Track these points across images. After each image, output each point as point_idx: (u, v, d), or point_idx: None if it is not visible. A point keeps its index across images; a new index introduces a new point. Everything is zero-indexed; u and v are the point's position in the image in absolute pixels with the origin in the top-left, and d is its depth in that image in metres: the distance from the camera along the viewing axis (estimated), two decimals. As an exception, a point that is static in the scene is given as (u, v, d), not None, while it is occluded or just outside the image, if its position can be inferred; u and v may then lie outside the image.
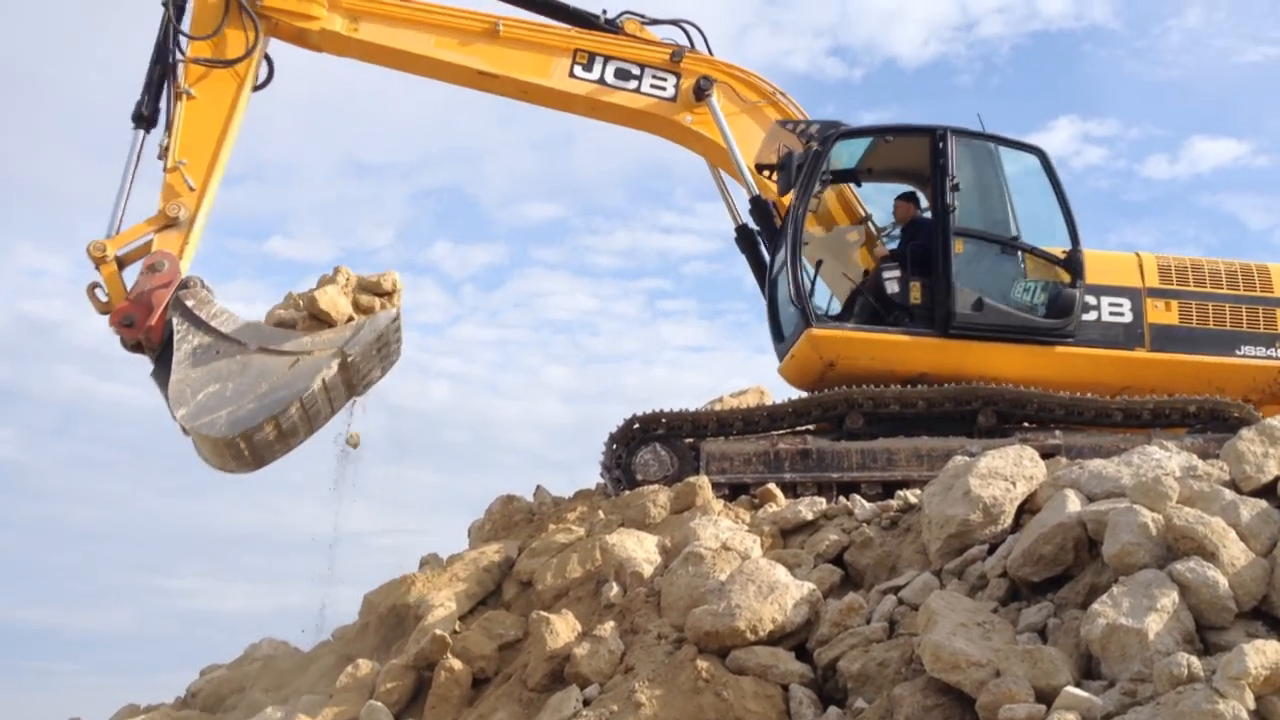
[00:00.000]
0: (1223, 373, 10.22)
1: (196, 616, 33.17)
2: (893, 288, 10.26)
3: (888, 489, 9.06)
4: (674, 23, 11.14)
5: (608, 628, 6.92)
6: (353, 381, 9.28)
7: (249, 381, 8.86)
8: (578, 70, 10.64)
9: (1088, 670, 5.11)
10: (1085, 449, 8.99)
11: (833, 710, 5.82)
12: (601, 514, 9.19)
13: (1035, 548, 5.92)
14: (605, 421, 10.06)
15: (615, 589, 7.57)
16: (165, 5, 9.76)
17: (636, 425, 9.99)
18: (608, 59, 10.69)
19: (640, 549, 8.03)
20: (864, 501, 8.26)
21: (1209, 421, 9.46)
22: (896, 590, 6.49)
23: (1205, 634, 5.04)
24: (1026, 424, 9.77)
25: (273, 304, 9.42)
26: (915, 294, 10.15)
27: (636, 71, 10.67)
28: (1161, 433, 9.30)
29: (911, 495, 7.85)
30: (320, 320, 9.17)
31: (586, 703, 6.39)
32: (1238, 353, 10.33)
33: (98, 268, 9.38)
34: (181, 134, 9.68)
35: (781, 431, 10.04)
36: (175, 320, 9.08)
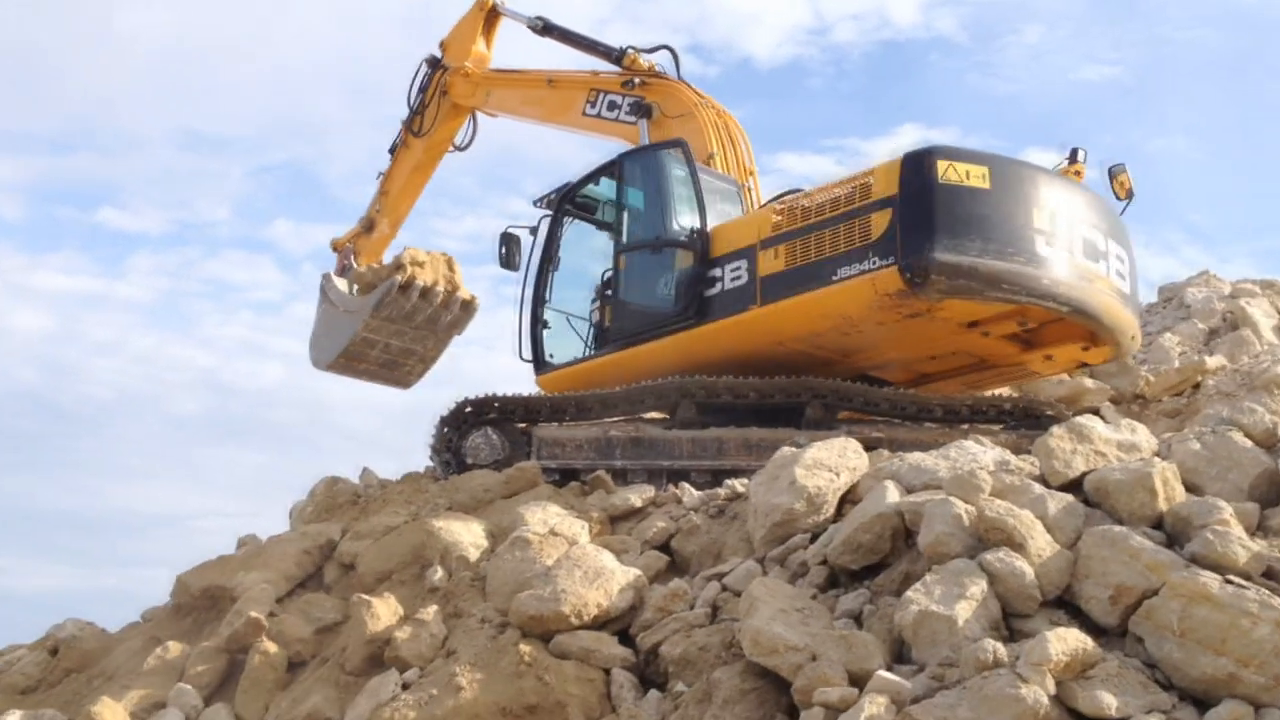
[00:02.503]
0: (823, 305, 9.36)
1: (2, 595, 31.80)
2: (596, 316, 11.18)
3: (717, 477, 9.15)
4: (661, 49, 12.70)
5: (430, 611, 6.83)
6: (418, 323, 12.90)
7: (334, 333, 13.52)
8: (587, 108, 12.66)
9: (900, 655, 5.25)
10: (907, 442, 9.18)
11: (653, 694, 5.86)
12: (429, 498, 9.05)
13: (854, 536, 6.05)
14: (441, 406, 10.10)
15: (440, 573, 7.46)
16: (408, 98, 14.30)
17: (468, 408, 9.88)
18: (605, 93, 12.55)
19: (467, 533, 7.93)
20: (692, 489, 8.33)
21: (1023, 419, 9.78)
22: (720, 577, 6.55)
23: (1011, 621, 5.21)
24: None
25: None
26: (607, 318, 10.97)
27: (619, 101, 12.39)
28: (979, 428, 9.57)
29: (739, 484, 7.94)
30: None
31: (405, 686, 6.30)
32: (835, 278, 9.22)
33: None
34: (389, 170, 14.67)
35: (614, 418, 10.05)
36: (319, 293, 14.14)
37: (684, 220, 10.47)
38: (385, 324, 12.83)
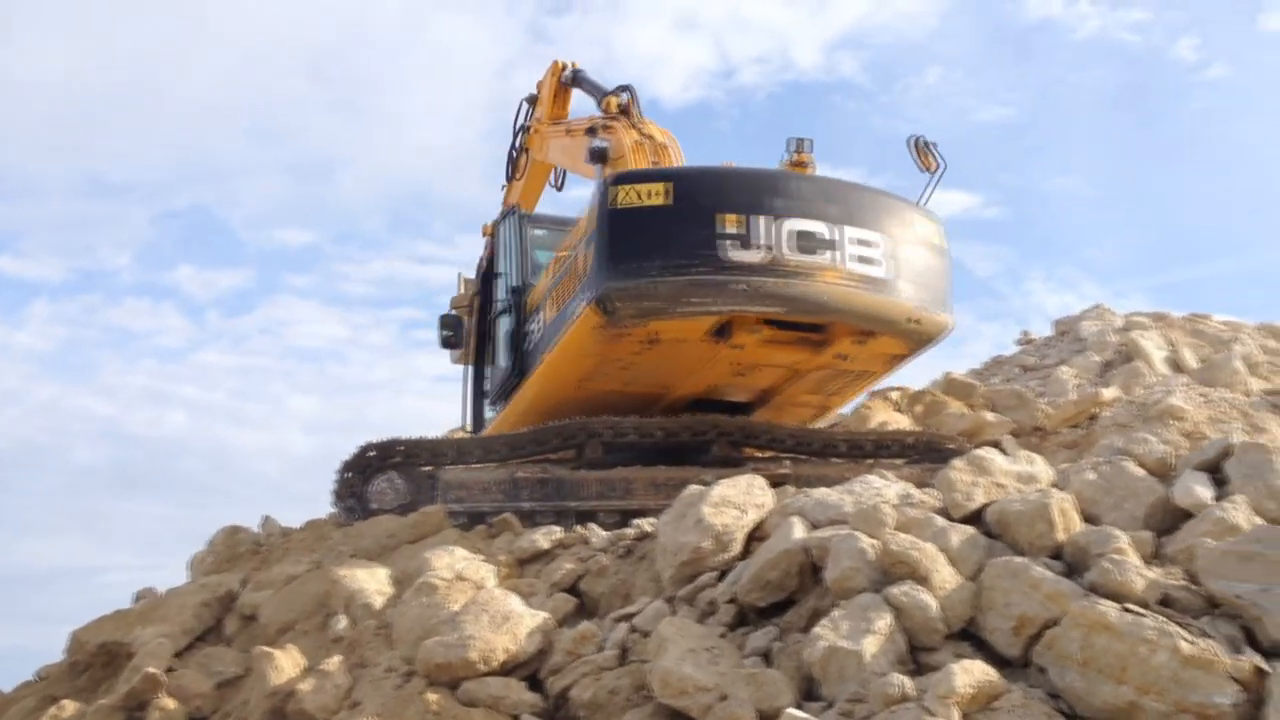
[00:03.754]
0: (570, 345, 9.43)
1: (-110, 656, 30.42)
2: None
3: (625, 517, 9.12)
4: (623, 90, 12.89)
5: (335, 662, 6.67)
6: None
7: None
8: (585, 155, 12.48)
9: (809, 692, 5.24)
10: (813, 478, 9.22)
11: (563, 740, 5.79)
12: (332, 545, 8.88)
13: (762, 573, 6.05)
14: (348, 452, 9.97)
15: (344, 622, 7.32)
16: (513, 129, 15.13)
17: (372, 453, 9.74)
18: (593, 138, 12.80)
19: (372, 580, 7.79)
20: (600, 530, 8.28)
21: (926, 452, 9.91)
22: (629, 618, 6.50)
23: (918, 655, 5.24)
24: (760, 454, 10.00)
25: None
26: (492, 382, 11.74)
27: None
28: (883, 463, 9.67)
29: (647, 524, 7.91)
30: None
31: (309, 740, 6.14)
32: (571, 318, 9.28)
33: None
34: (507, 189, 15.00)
35: (521, 459, 9.98)
36: None
37: (513, 282, 10.96)
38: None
